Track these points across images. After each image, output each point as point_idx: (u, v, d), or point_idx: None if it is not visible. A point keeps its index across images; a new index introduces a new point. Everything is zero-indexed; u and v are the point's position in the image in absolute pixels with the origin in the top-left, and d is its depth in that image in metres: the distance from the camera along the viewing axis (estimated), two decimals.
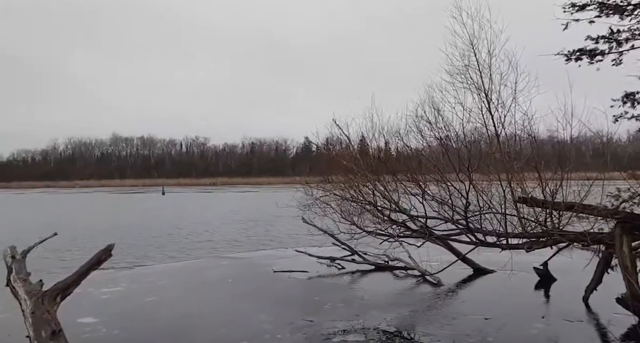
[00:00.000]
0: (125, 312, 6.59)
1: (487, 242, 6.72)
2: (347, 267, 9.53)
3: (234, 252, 12.29)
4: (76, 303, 5.54)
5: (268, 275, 8.96)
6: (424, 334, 5.29)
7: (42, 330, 3.98)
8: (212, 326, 5.82)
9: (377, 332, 5.47)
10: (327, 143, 11.40)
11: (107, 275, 8.71)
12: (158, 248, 12.92)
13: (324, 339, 5.24)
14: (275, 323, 5.87)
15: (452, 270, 8.02)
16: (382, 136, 8.22)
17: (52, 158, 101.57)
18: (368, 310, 6.39)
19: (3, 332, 5.45)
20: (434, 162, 7.43)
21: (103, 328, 5.75)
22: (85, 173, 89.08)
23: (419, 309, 6.50)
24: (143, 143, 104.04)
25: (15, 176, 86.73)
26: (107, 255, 5.47)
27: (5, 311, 6.02)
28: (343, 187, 8.79)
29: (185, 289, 8.02)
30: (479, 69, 6.67)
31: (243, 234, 15.86)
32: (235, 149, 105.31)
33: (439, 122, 7.17)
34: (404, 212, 7.65)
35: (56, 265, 9.91)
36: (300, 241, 13.41)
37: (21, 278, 4.92)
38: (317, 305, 6.82)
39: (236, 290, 7.93)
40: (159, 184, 65.15)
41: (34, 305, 4.36)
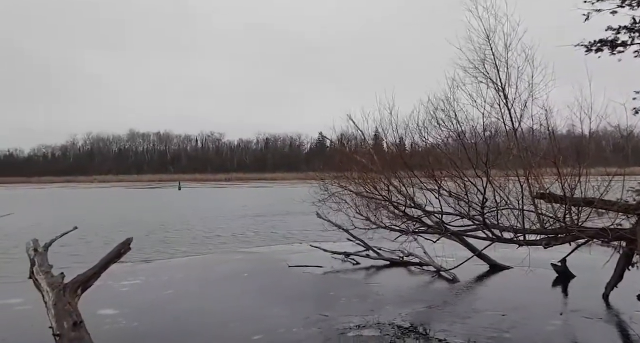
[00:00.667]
0: (143, 304, 6.71)
1: (504, 238, 6.65)
2: (362, 263, 9.54)
3: (249, 246, 12.39)
4: (96, 295, 5.65)
5: (283, 269, 9.02)
6: (439, 330, 5.27)
7: (64, 321, 4.08)
8: (228, 320, 5.89)
9: (391, 327, 5.47)
10: (341, 138, 11.39)
11: (125, 268, 8.86)
12: (174, 243, 13.09)
13: (339, 334, 5.26)
14: (291, 317, 5.91)
15: (467, 266, 7.95)
16: (396, 131, 8.18)
17: (71, 153, 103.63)
18: (383, 305, 6.40)
19: (26, 322, 5.60)
20: (450, 157, 7.37)
21: (123, 320, 5.87)
22: (104, 169, 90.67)
23: (434, 305, 6.47)
24: (159, 139, 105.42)
25: (36, 171, 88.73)
26: (126, 248, 5.58)
27: (28, 302, 6.19)
28: (358, 182, 8.78)
29: (201, 283, 8.12)
30: (495, 62, 6.58)
31: (257, 229, 15.97)
32: (249, 144, 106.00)
33: (454, 117, 7.10)
34: (419, 208, 7.61)
35: (75, 258, 10.12)
36: (315, 236, 13.45)
37: (43, 270, 5.04)
38: (332, 299, 6.85)
39: (251, 284, 8.01)
40: (175, 179, 65.97)
41: (55, 297, 4.47)
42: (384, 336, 5.16)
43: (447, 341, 4.92)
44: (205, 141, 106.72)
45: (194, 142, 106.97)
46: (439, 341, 4.93)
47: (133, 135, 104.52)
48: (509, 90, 6.51)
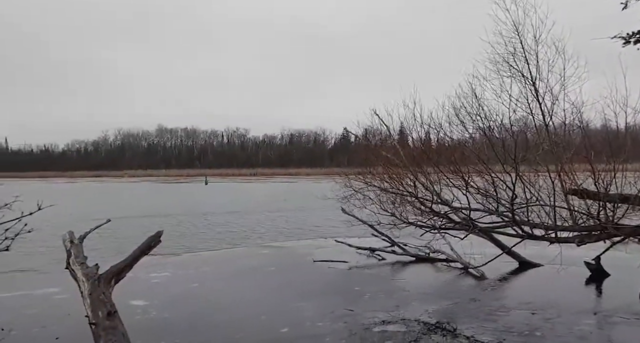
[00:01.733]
0: (172, 296, 6.89)
1: (534, 235, 6.49)
2: (387, 258, 9.50)
3: (274, 241, 12.51)
4: (128, 286, 5.81)
5: (308, 264, 9.07)
6: (467, 327, 5.20)
7: (99, 311, 4.22)
8: (254, 313, 5.98)
9: (417, 323, 5.43)
10: (366, 133, 11.34)
11: (155, 261, 9.09)
12: (202, 236, 13.35)
13: (365, 329, 5.27)
14: (316, 311, 5.95)
15: (496, 263, 7.81)
16: (422, 127, 8.09)
17: (102, 149, 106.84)
18: (409, 302, 6.36)
19: (64, 311, 5.84)
20: (478, 153, 7.23)
21: (153, 311, 6.04)
22: (134, 164, 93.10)
23: (462, 302, 6.39)
24: (187, 134, 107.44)
25: (70, 166, 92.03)
26: (156, 241, 5.72)
27: (65, 292, 6.45)
28: (383, 178, 8.74)
29: (227, 276, 8.27)
30: (524, 56, 6.41)
31: (283, 224, 16.10)
32: (274, 140, 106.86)
33: (482, 112, 6.96)
34: (446, 204, 7.51)
35: (107, 250, 10.44)
36: (340, 231, 13.46)
37: (79, 261, 5.22)
38: (358, 295, 6.85)
39: (277, 278, 8.09)
40: (202, 174, 67.15)
41: (91, 287, 4.63)
42: (409, 332, 5.13)
43: (475, 338, 4.86)
44: (231, 137, 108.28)
45: (220, 137, 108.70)
46: (467, 338, 4.87)
47: (161, 130, 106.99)
48: (539, 84, 6.34)
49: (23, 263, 9.23)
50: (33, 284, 7.67)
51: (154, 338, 4.99)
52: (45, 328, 5.35)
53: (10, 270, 8.67)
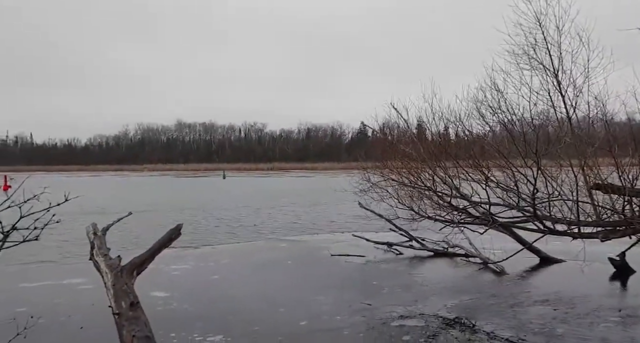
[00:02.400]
0: (193, 288, 7.00)
1: (556, 230, 6.37)
2: (405, 253, 9.46)
3: (292, 234, 12.58)
4: (149, 278, 5.93)
5: (325, 258, 9.10)
6: (486, 323, 5.16)
7: (122, 301, 4.31)
8: (273, 305, 6.03)
9: (436, 318, 5.41)
10: (383, 128, 11.27)
11: (175, 253, 9.25)
12: (220, 230, 13.50)
13: (383, 323, 5.27)
14: (334, 305, 5.98)
15: (517, 258, 7.70)
16: (441, 120, 7.99)
17: (123, 143, 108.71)
18: (427, 296, 6.33)
19: (88, 301, 6.00)
20: (498, 147, 7.11)
21: (174, 303, 6.16)
22: (153, 158, 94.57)
23: (481, 297, 6.33)
24: (205, 129, 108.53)
25: (92, 160, 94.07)
26: (176, 234, 5.81)
27: (89, 282, 6.62)
28: (401, 172, 8.68)
29: (246, 269, 8.35)
30: (546, 47, 6.26)
31: (300, 218, 16.17)
32: (291, 134, 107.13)
33: (502, 105, 6.84)
34: (465, 198, 7.43)
35: (129, 241, 10.67)
36: (357, 226, 13.46)
37: (102, 253, 5.35)
38: (375, 289, 6.85)
39: (294, 272, 8.15)
40: (220, 168, 67.83)
41: (114, 278, 4.73)
42: (428, 327, 5.11)
43: (495, 334, 4.82)
44: (249, 131, 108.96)
45: (237, 132, 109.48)
46: (486, 334, 4.83)
47: (180, 125, 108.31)
48: (562, 76, 6.20)
49: (49, 254, 9.50)
50: (59, 274, 7.89)
51: (175, 328, 5.08)
52: (70, 318, 5.50)
53: (37, 260, 8.94)
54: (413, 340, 4.74)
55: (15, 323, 3.49)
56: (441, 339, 4.77)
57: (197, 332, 5.01)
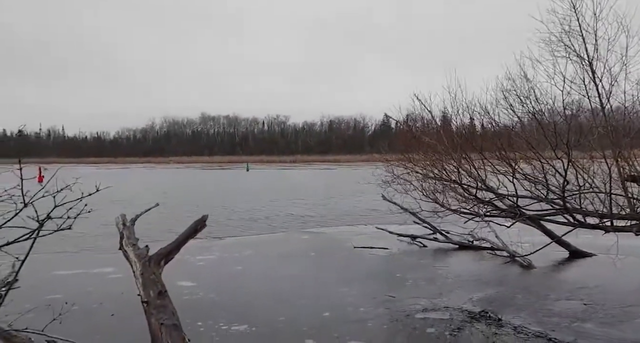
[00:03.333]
0: (218, 278, 7.12)
1: (587, 223, 6.19)
2: (429, 246, 9.37)
3: (314, 227, 12.62)
4: (176, 268, 6.06)
5: (348, 250, 9.10)
6: (513, 317, 5.06)
7: (150, 290, 4.42)
8: (296, 296, 6.08)
9: (461, 311, 5.34)
10: (407, 119, 11.12)
11: (201, 244, 9.42)
12: (244, 221, 13.67)
13: (406, 315, 5.24)
14: (358, 297, 5.98)
15: (545, 252, 7.52)
16: (467, 111, 7.83)
17: (150, 136, 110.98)
18: (452, 289, 6.26)
19: (118, 289, 6.18)
20: (527, 138, 6.93)
21: (200, 292, 6.28)
22: (179, 150, 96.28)
23: (508, 291, 6.21)
24: (229, 121, 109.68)
25: (120, 152, 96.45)
26: (202, 225, 5.90)
27: (119, 271, 6.82)
28: (425, 164, 8.57)
29: (269, 260, 8.43)
30: (581, 34, 6.02)
31: (322, 210, 16.20)
32: (314, 126, 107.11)
33: (531, 95, 6.64)
34: (491, 191, 7.29)
35: (157, 232, 10.92)
36: (380, 218, 13.40)
37: (131, 243, 5.48)
38: (399, 281, 6.82)
39: (318, 263, 8.18)
40: (244, 161, 68.51)
41: (142, 268, 4.85)
42: (452, 320, 5.06)
43: (522, 328, 4.73)
44: (271, 124, 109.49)
45: (260, 124, 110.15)
46: (513, 328, 4.74)
47: (205, 118, 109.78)
48: (597, 64, 5.96)
49: (81, 243, 9.83)
50: (90, 263, 8.15)
51: (201, 317, 5.18)
52: (101, 305, 5.68)
53: (70, 249, 9.26)
54: (437, 332, 4.71)
55: (51, 309, 3.62)
56: (466, 332, 4.72)
57: (222, 321, 5.10)
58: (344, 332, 4.72)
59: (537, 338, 4.47)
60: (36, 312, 4.37)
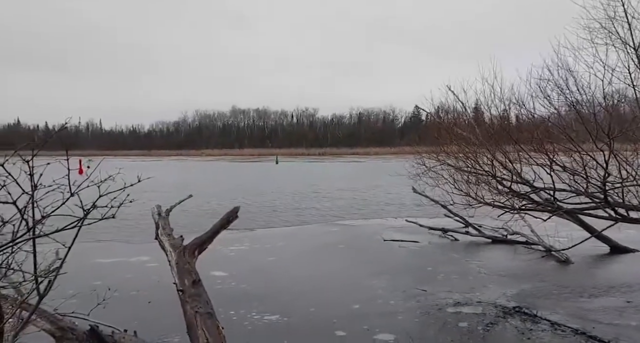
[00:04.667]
0: (249, 269, 7.25)
1: (630, 217, 5.92)
2: (461, 240, 9.22)
3: (344, 219, 12.62)
4: (209, 258, 6.20)
5: (378, 243, 9.07)
6: (550, 313, 4.93)
7: (185, 279, 4.54)
8: (326, 288, 6.12)
9: (494, 306, 5.24)
10: (438, 111, 10.91)
11: (232, 235, 9.60)
12: (274, 213, 13.82)
13: (438, 309, 5.19)
14: (388, 289, 5.96)
15: (583, 247, 7.27)
16: (502, 102, 7.59)
17: (182, 129, 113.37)
18: (485, 284, 6.15)
19: (154, 278, 6.39)
20: (565, 129, 6.66)
21: (232, 282, 6.41)
22: (210, 143, 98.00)
23: (543, 286, 6.05)
24: (258, 114, 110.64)
25: (154, 145, 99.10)
26: (234, 216, 6.00)
27: (155, 260, 7.05)
28: (458, 156, 8.40)
29: (299, 252, 8.51)
30: (627, 20, 5.71)
31: (352, 202, 16.17)
32: (342, 119, 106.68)
33: (570, 85, 6.37)
34: (527, 184, 7.07)
35: (191, 222, 11.19)
36: (410, 211, 13.27)
37: (166, 233, 5.64)
38: (430, 275, 6.75)
39: (347, 256, 8.19)
40: (273, 154, 69.08)
41: (177, 257, 4.99)
42: (485, 315, 4.98)
43: (559, 324, 4.60)
44: (300, 116, 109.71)
45: (289, 117, 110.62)
46: (550, 325, 4.62)
47: (235, 111, 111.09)
48: None
49: (120, 233, 10.20)
50: (128, 252, 8.46)
51: (234, 306, 5.30)
52: (139, 292, 5.89)
53: (110, 239, 9.64)
54: (470, 327, 4.64)
55: (92, 295, 3.78)
56: (500, 328, 4.63)
57: (254, 310, 5.19)
58: (374, 324, 4.72)
59: (576, 336, 4.34)
60: (78, 298, 4.56)
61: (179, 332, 4.13)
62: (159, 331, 4.51)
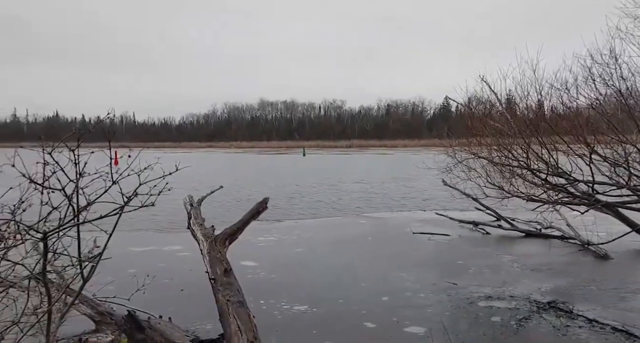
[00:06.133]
0: (278, 259, 7.32)
1: None
2: (492, 233, 9.03)
3: (372, 211, 12.57)
4: (238, 248, 6.29)
5: (407, 235, 8.98)
6: (587, 309, 4.77)
7: (217, 268, 4.63)
8: (354, 280, 6.11)
9: (528, 301, 5.11)
10: (469, 102, 10.65)
11: (261, 226, 9.71)
12: (302, 205, 13.89)
13: (469, 303, 5.11)
14: (417, 282, 5.90)
15: (623, 242, 6.99)
16: (539, 93, 7.31)
17: (212, 121, 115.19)
18: (518, 278, 6.00)
19: (186, 266, 6.54)
20: (608, 119, 6.37)
21: (262, 272, 6.50)
22: (239, 135, 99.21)
23: (580, 282, 5.85)
24: (286, 107, 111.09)
25: (184, 137, 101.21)
26: (263, 207, 6.07)
27: (187, 250, 7.22)
28: (490, 148, 8.18)
29: (327, 244, 8.53)
30: None
31: (380, 195, 16.07)
32: (370, 111, 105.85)
33: (614, 74, 6.07)
34: (563, 176, 6.82)
35: (221, 212, 11.39)
36: (440, 204, 13.08)
37: (198, 222, 5.75)
38: (461, 268, 6.64)
39: (375, 248, 8.15)
40: (300, 146, 69.30)
41: (209, 246, 5.08)
42: (518, 309, 4.86)
43: (597, 321, 4.44)
44: (328, 108, 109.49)
45: (317, 109, 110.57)
46: (588, 321, 4.46)
47: (263, 104, 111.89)
48: None
49: (153, 223, 10.49)
50: (161, 241, 8.70)
51: (263, 296, 5.36)
52: (172, 280, 6.05)
53: (143, 227, 9.93)
54: (503, 321, 4.54)
55: (128, 282, 3.90)
56: (534, 323, 4.51)
57: (283, 300, 5.24)
58: (404, 317, 4.68)
59: (615, 333, 4.19)
60: (115, 284, 4.72)
61: (211, 319, 4.22)
62: (191, 318, 4.62)
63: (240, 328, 3.58)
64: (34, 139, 1.85)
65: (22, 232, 1.67)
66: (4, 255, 1.71)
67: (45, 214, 1.70)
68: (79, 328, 3.83)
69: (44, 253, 1.61)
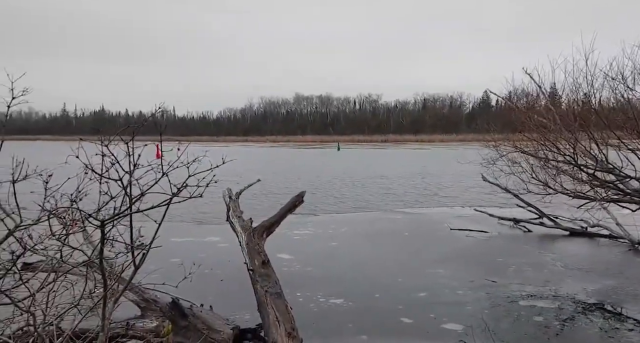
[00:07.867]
0: (314, 252, 7.38)
1: None
2: (534, 231, 8.74)
3: (409, 207, 12.43)
4: (275, 241, 6.40)
5: (444, 232, 8.84)
6: (636, 311, 4.55)
7: (255, 259, 4.73)
8: (391, 274, 6.08)
9: (572, 301, 4.93)
10: (510, 95, 10.30)
11: (297, 220, 9.80)
12: (337, 199, 13.91)
13: (510, 301, 4.98)
14: (454, 279, 5.81)
15: None
16: (589, 83, 6.95)
17: (248, 116, 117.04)
18: (561, 277, 5.80)
19: (225, 257, 6.72)
20: None
21: (297, 265, 6.57)
22: (274, 130, 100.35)
23: (630, 282, 5.58)
24: (321, 101, 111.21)
25: (222, 131, 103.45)
26: (299, 201, 6.15)
27: (226, 241, 7.40)
28: (534, 143, 7.89)
29: (363, 238, 8.51)
30: None
31: (417, 190, 15.86)
32: (406, 105, 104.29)
33: None
34: (613, 172, 6.50)
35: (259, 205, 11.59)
36: (479, 200, 12.77)
37: (236, 215, 5.89)
38: (500, 266, 6.47)
39: (412, 243, 8.07)
40: (335, 140, 69.31)
41: (247, 238, 5.20)
42: (562, 309, 4.70)
43: None
44: (363, 103, 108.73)
45: (352, 104, 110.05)
46: (637, 323, 4.26)
47: (298, 98, 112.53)
48: None
49: (193, 215, 10.81)
50: (201, 232, 8.95)
51: (300, 288, 5.43)
52: (212, 271, 6.22)
53: (183, 219, 10.25)
54: (546, 321, 4.41)
55: (170, 271, 4.05)
56: (579, 324, 4.35)
57: (319, 293, 5.29)
58: (441, 314, 4.63)
59: None
60: (158, 273, 4.92)
61: (250, 309, 4.32)
62: (231, 307, 4.74)
63: (279, 319, 3.65)
64: (83, 132, 1.96)
65: (82, 219, 1.78)
66: (64, 241, 1.82)
67: (104, 203, 1.79)
68: (126, 314, 4.01)
69: (101, 240, 1.70)
